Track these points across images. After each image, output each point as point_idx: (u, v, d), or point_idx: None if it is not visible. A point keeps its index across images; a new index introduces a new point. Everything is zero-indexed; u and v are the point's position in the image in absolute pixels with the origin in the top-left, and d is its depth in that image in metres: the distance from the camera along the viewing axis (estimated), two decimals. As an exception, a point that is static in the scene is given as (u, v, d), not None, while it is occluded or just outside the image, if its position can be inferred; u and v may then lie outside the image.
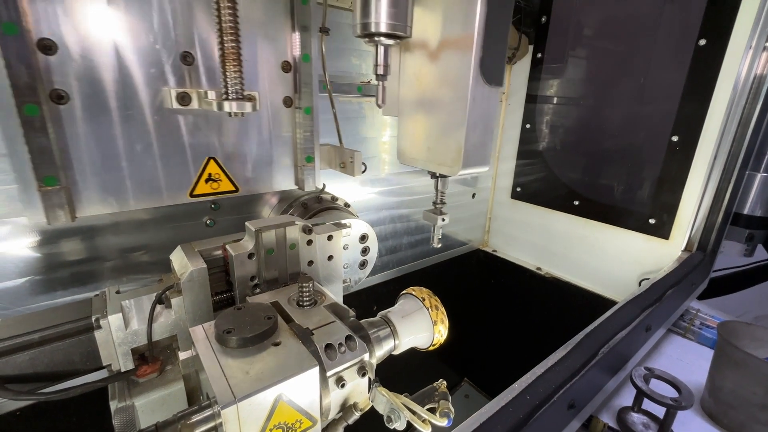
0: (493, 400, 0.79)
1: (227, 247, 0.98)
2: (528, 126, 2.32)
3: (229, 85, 0.98)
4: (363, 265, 1.48)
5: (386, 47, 0.80)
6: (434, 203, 1.10)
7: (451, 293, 2.63)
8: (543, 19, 2.14)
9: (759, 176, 1.77)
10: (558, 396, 0.81)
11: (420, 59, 0.95)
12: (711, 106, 1.60)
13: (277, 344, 0.73)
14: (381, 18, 0.74)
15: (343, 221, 1.30)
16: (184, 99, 1.03)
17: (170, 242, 1.21)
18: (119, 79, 0.96)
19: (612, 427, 1.11)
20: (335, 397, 0.75)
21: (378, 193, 1.91)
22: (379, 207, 1.94)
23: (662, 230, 1.82)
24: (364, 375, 0.78)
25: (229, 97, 0.99)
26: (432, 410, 0.76)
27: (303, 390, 0.68)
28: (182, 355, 0.90)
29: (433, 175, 1.05)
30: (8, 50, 0.80)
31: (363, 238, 1.43)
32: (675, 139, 1.73)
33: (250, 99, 1.02)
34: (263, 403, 0.64)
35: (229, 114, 1.04)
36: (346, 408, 0.79)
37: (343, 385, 0.75)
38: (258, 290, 0.99)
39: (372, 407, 0.79)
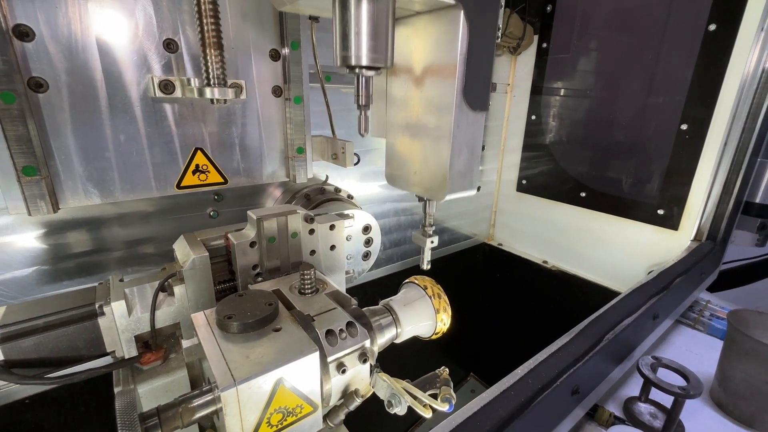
0: (494, 385, 0.78)
1: (229, 235, 0.98)
2: (533, 117, 2.30)
3: (210, 72, 0.95)
4: (366, 256, 1.48)
5: (367, 78, 0.79)
6: (423, 226, 1.08)
7: (457, 287, 2.61)
8: (548, 8, 2.11)
9: (771, 164, 1.73)
10: (561, 381, 0.80)
11: (406, 83, 0.94)
12: (721, 93, 1.57)
13: (277, 330, 0.73)
14: (361, 51, 0.73)
15: (345, 212, 1.30)
16: (167, 87, 1.00)
17: (174, 234, 1.22)
18: (100, 67, 0.93)
19: (618, 416, 1.10)
20: (336, 383, 0.75)
21: (383, 186, 1.91)
22: (384, 199, 1.93)
23: (671, 221, 1.79)
24: (365, 361, 0.78)
25: (211, 84, 0.97)
26: (434, 396, 0.76)
27: (303, 375, 0.68)
28: (185, 343, 0.91)
29: (421, 199, 1.04)
30: None
31: (366, 229, 1.42)
32: (684, 127, 1.69)
33: (234, 86, 1.00)
34: (263, 386, 0.64)
35: (212, 101, 1.01)
36: (347, 394, 0.78)
37: (344, 371, 0.75)
38: (260, 279, 0.99)
39: (373, 394, 0.79)
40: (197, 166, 1.14)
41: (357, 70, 0.76)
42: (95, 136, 0.97)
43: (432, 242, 1.08)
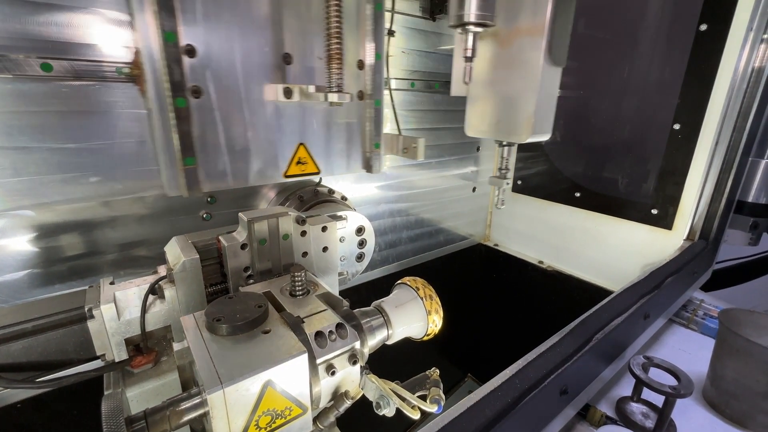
0: (482, 386, 0.79)
1: (220, 238, 0.98)
2: (528, 118, 2.30)
3: (332, 80, 1.17)
4: (360, 257, 1.48)
5: (475, 34, 0.95)
6: (500, 169, 1.27)
7: (453, 288, 2.62)
8: (541, 9, 2.11)
9: (763, 163, 1.73)
10: (548, 381, 0.80)
11: (491, 45, 1.09)
12: (713, 93, 1.58)
13: (266, 332, 0.73)
14: (473, 10, 0.89)
15: (338, 213, 1.30)
16: (288, 93, 1.20)
17: (167, 236, 1.22)
18: (241, 77, 1.14)
19: (610, 416, 1.10)
20: (326, 385, 0.75)
21: (378, 187, 1.91)
22: (379, 201, 1.93)
23: (665, 220, 1.80)
24: (355, 363, 0.78)
25: (333, 90, 1.18)
26: (423, 397, 0.76)
27: (292, 377, 0.68)
28: (176, 346, 0.91)
29: (500, 144, 1.21)
30: (168, 54, 1.00)
31: (360, 230, 1.43)
32: (677, 127, 1.70)
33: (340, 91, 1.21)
34: (251, 389, 0.64)
35: (330, 104, 1.25)
36: (337, 396, 0.78)
37: (333, 373, 0.75)
38: (251, 281, 0.99)
39: (363, 396, 0.79)
40: (299, 158, 1.35)
41: (467, 27, 0.92)
42: (233, 133, 1.17)
43: (507, 183, 1.30)
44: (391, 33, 1.42)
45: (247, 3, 1.11)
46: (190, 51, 1.04)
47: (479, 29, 0.93)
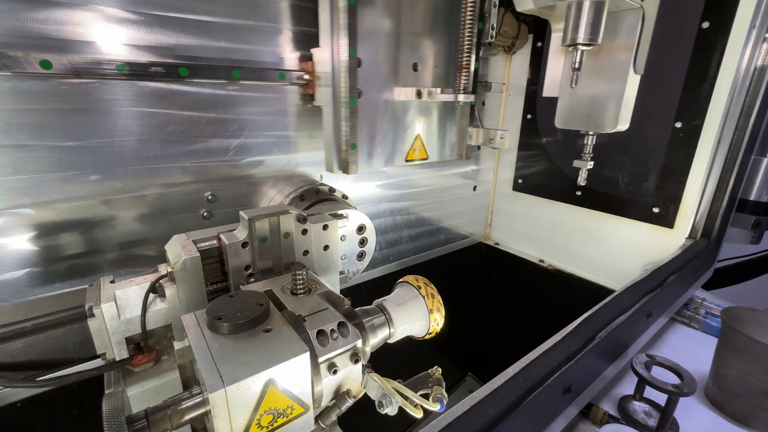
0: (485, 384, 0.78)
1: (221, 236, 0.98)
2: (529, 117, 2.30)
3: (460, 84, 1.55)
4: (361, 256, 1.47)
5: (582, 51, 1.19)
6: (583, 153, 1.52)
7: (454, 287, 2.61)
8: (542, 7, 2.11)
9: (765, 161, 1.73)
10: (552, 380, 0.80)
11: (585, 55, 1.29)
12: (715, 91, 1.57)
13: (268, 330, 0.73)
14: (585, 34, 1.12)
15: (339, 212, 1.30)
16: (419, 94, 1.49)
17: (167, 235, 1.21)
18: (383, 82, 1.46)
19: (612, 415, 1.10)
20: (327, 383, 0.75)
21: (378, 186, 1.90)
22: (379, 199, 1.93)
23: (666, 219, 1.79)
24: (357, 362, 0.77)
25: (460, 92, 1.54)
26: (425, 396, 0.76)
27: (294, 376, 0.67)
28: (177, 345, 0.90)
29: (587, 133, 1.47)
30: (350, 65, 1.32)
31: (360, 229, 1.42)
32: (678, 125, 1.69)
33: (473, 93, 1.60)
34: (252, 388, 0.63)
35: (456, 103, 1.64)
36: (339, 395, 0.78)
37: (335, 372, 0.74)
38: (252, 279, 0.99)
39: (365, 395, 0.79)
40: (416, 147, 1.67)
41: (578, 46, 1.16)
42: (378, 125, 1.50)
43: (591, 165, 1.53)
44: (487, 45, 1.74)
45: (394, 25, 1.44)
46: (359, 62, 1.37)
47: (587, 48, 1.18)
